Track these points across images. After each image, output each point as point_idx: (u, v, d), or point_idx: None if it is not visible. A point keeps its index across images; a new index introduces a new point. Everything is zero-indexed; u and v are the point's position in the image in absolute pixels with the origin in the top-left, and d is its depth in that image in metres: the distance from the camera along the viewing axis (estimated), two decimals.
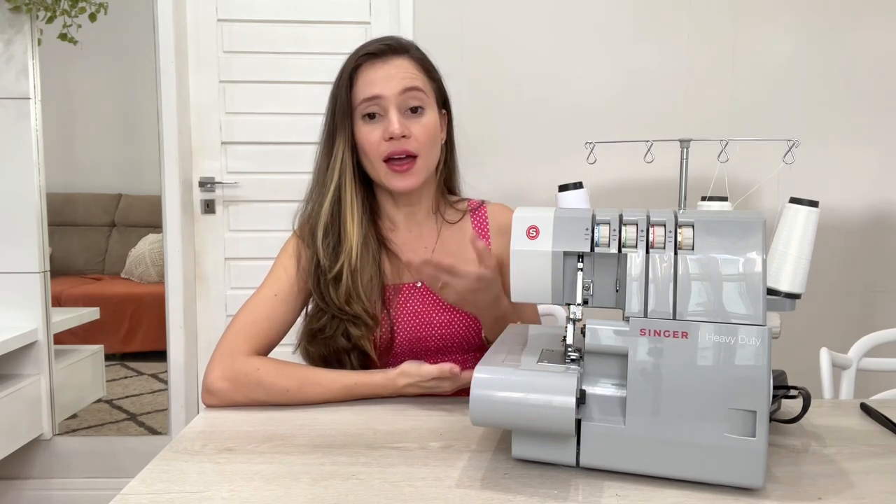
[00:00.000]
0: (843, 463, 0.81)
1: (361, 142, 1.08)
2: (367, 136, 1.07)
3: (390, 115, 1.06)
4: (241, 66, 2.26)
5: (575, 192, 1.06)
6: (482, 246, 0.94)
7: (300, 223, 1.15)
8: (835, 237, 2.25)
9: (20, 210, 2.08)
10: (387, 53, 1.08)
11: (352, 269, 1.06)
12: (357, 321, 1.06)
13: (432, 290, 1.00)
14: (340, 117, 1.09)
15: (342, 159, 1.09)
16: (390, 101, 1.06)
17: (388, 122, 1.06)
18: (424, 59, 1.13)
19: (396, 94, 1.06)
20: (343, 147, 1.09)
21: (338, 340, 1.07)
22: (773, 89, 2.22)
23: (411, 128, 1.07)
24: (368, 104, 1.07)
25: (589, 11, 2.21)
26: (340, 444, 0.85)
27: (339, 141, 1.09)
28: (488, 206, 1.21)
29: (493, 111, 2.21)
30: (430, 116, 1.09)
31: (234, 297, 2.31)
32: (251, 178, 2.29)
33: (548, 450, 0.77)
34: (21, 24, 2.05)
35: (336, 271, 1.06)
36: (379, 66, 1.07)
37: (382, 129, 1.06)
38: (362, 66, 1.08)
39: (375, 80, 1.07)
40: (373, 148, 1.07)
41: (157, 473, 0.77)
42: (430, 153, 1.11)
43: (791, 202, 0.90)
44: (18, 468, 2.24)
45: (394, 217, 1.16)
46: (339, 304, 1.06)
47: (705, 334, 0.72)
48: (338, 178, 1.09)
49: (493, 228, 1.18)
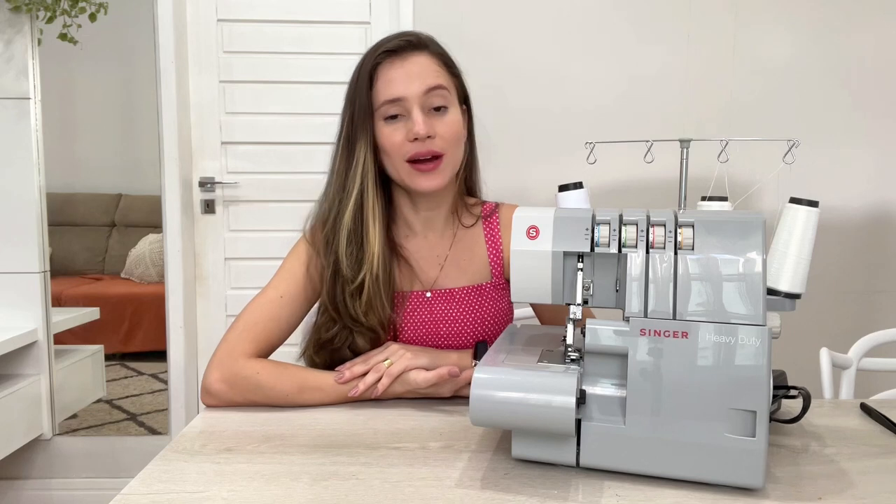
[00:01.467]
0: (843, 463, 0.81)
1: (384, 143, 1.04)
2: (390, 138, 1.03)
3: (414, 115, 1.01)
4: (241, 66, 2.26)
5: (575, 192, 1.06)
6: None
7: (312, 228, 1.11)
8: (835, 237, 2.25)
9: (20, 210, 2.08)
10: (406, 50, 1.04)
11: (374, 278, 1.03)
12: (366, 333, 1.05)
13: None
14: (361, 119, 1.04)
15: (364, 163, 1.04)
16: (413, 101, 1.01)
17: (412, 123, 1.02)
18: (444, 55, 1.08)
19: (420, 94, 1.02)
20: (365, 150, 1.04)
21: (343, 352, 1.06)
22: (773, 89, 2.22)
23: (436, 127, 1.03)
24: (390, 106, 1.02)
25: (589, 11, 2.21)
26: (340, 444, 0.85)
27: (361, 144, 1.04)
28: (501, 210, 1.18)
29: (493, 111, 2.21)
30: (453, 114, 1.06)
31: (234, 297, 2.31)
32: (251, 178, 2.29)
33: (548, 450, 0.77)
34: (21, 24, 2.05)
35: (359, 282, 1.03)
36: (399, 65, 1.03)
37: (406, 130, 1.02)
38: (381, 65, 1.04)
39: (397, 80, 1.02)
40: (396, 149, 1.03)
41: (157, 473, 0.77)
42: (456, 151, 1.07)
43: (791, 202, 0.90)
44: (18, 468, 2.24)
45: (411, 222, 1.13)
46: (355, 315, 1.03)
47: (705, 334, 0.72)
48: (360, 182, 1.04)
49: (504, 230, 1.16)
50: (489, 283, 1.13)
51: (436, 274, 1.12)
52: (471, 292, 1.11)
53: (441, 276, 1.12)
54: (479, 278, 1.13)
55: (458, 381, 0.99)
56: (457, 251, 1.14)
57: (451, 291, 1.11)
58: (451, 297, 1.11)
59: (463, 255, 1.13)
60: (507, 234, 1.15)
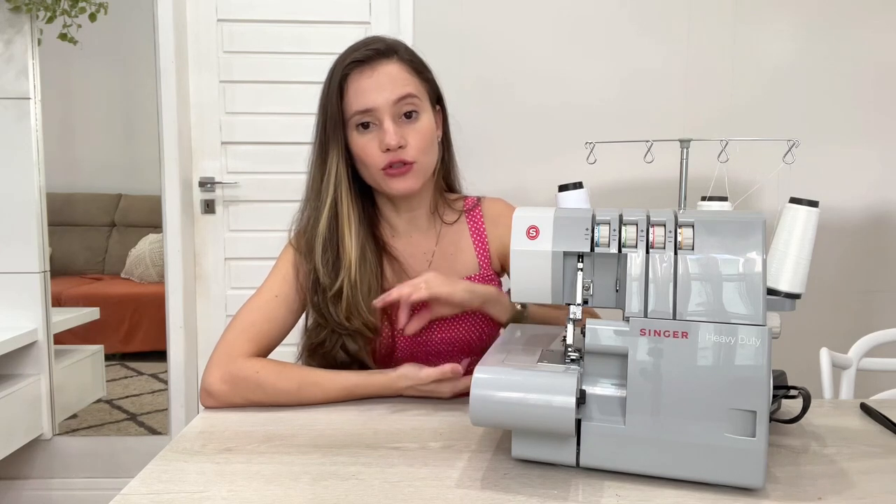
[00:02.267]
0: (843, 463, 0.81)
1: (358, 152, 1.06)
2: (364, 148, 1.05)
3: (385, 125, 1.03)
4: (241, 66, 2.26)
5: (575, 192, 1.06)
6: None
7: (297, 234, 1.12)
8: (835, 237, 2.25)
9: (20, 210, 2.08)
10: (374, 59, 1.04)
11: (352, 283, 1.04)
12: (355, 335, 1.05)
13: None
14: (332, 129, 1.06)
15: (336, 172, 1.07)
16: (384, 111, 1.03)
17: (383, 133, 1.03)
18: (413, 60, 1.09)
19: (390, 103, 1.03)
20: (337, 159, 1.06)
21: (337, 354, 1.07)
22: (773, 89, 2.22)
23: (407, 136, 1.04)
24: (361, 116, 1.04)
25: (589, 11, 2.21)
26: (340, 444, 0.85)
27: (333, 153, 1.06)
28: (483, 204, 1.20)
29: (492, 111, 2.21)
30: (424, 120, 1.07)
31: (234, 297, 2.31)
32: (251, 178, 2.29)
33: (548, 450, 0.77)
34: (21, 24, 2.05)
35: (336, 288, 1.04)
36: (368, 75, 1.04)
37: (378, 140, 1.04)
38: (350, 75, 1.05)
39: (366, 91, 1.03)
40: (371, 159, 1.05)
41: (157, 473, 0.77)
42: (428, 157, 1.08)
43: (791, 202, 0.90)
44: (18, 468, 2.24)
45: (395, 224, 1.15)
46: (338, 319, 1.04)
47: (705, 334, 0.72)
48: (333, 191, 1.07)
49: (488, 224, 1.18)
50: (477, 274, 1.15)
51: (425, 270, 1.13)
52: None
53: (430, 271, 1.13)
54: (467, 270, 1.15)
55: (457, 384, 0.99)
56: (443, 246, 1.16)
57: None
58: None
59: (449, 250, 1.16)
60: (491, 227, 1.18)
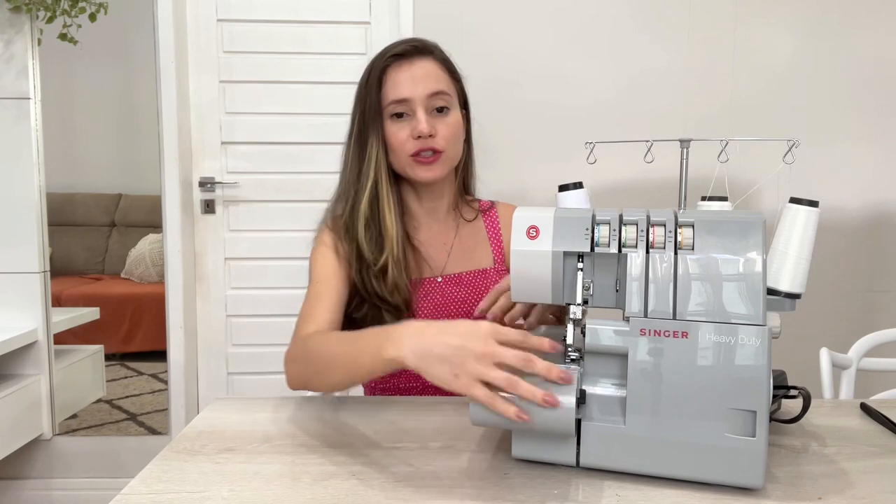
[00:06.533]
0: (843, 463, 0.81)
1: (390, 140, 1.13)
2: (396, 135, 1.12)
3: (418, 115, 1.10)
4: (241, 66, 2.26)
5: (575, 192, 1.06)
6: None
7: (334, 218, 1.17)
8: (835, 237, 2.25)
9: (20, 210, 2.08)
10: (413, 55, 1.13)
11: (395, 259, 1.11)
12: (392, 311, 1.10)
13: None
14: (371, 117, 1.13)
15: (377, 157, 1.13)
16: (418, 102, 1.11)
17: (416, 122, 1.10)
18: (447, 61, 1.17)
19: (424, 96, 1.11)
20: (377, 145, 1.13)
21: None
22: (773, 89, 2.22)
23: (437, 127, 1.12)
24: (397, 105, 1.11)
25: (589, 11, 2.21)
26: (340, 444, 0.85)
27: (372, 140, 1.13)
28: (498, 207, 1.28)
29: (492, 111, 2.21)
30: (454, 116, 1.15)
31: (234, 297, 2.31)
32: (251, 178, 2.29)
33: (548, 450, 0.77)
34: (21, 24, 2.05)
35: (382, 263, 1.10)
36: (406, 68, 1.12)
37: (410, 128, 1.11)
38: (390, 68, 1.13)
39: (403, 82, 1.11)
40: (401, 145, 1.12)
41: (157, 473, 0.77)
42: (455, 148, 1.16)
43: (791, 202, 0.90)
44: (18, 468, 2.24)
45: (416, 213, 1.21)
46: (382, 294, 1.10)
47: (705, 334, 0.72)
48: (374, 175, 1.13)
49: (503, 224, 1.25)
50: (493, 268, 1.22)
51: (444, 260, 1.20)
52: (477, 276, 1.20)
53: (449, 262, 1.21)
54: (483, 263, 1.22)
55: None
56: (461, 239, 1.23)
57: (460, 276, 1.20)
58: (459, 281, 1.19)
59: (467, 243, 1.23)
60: (506, 228, 1.25)
